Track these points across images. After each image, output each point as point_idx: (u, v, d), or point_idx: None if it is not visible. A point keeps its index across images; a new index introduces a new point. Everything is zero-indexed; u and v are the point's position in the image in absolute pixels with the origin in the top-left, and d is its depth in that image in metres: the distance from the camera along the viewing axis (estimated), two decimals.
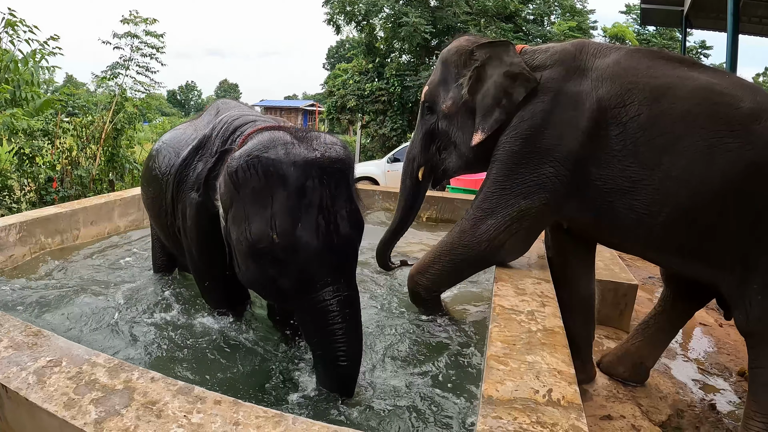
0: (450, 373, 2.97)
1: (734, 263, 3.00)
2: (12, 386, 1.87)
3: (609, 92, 3.09)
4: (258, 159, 2.47)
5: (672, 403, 3.80)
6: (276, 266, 2.52)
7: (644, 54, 3.28)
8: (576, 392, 1.98)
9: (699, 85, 2.97)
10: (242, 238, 2.56)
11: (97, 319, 3.47)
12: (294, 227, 2.43)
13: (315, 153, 2.51)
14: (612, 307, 4.90)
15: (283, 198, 2.44)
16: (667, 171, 2.93)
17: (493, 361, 2.17)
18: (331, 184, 2.50)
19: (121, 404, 1.75)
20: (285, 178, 2.44)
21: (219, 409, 1.73)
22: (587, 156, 3.12)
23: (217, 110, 3.67)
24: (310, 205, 2.45)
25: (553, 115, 3.23)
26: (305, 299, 2.56)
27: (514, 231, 3.30)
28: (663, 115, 2.96)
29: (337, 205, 2.52)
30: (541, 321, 2.64)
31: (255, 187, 2.49)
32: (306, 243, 2.44)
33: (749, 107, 2.85)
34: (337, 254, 2.54)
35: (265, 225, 2.45)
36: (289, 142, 2.54)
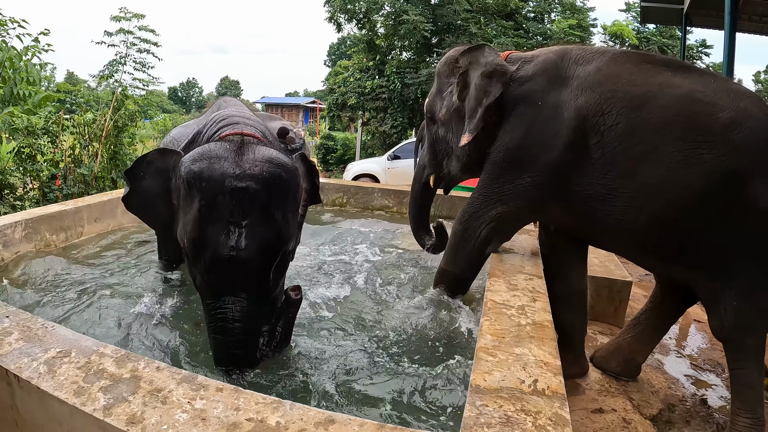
0: (443, 364, 3.06)
1: (710, 270, 3.07)
2: (24, 376, 1.95)
3: (588, 101, 3.16)
4: (186, 169, 2.68)
5: (663, 397, 3.85)
6: (191, 264, 2.77)
7: (628, 59, 3.32)
8: (561, 383, 2.06)
9: (679, 95, 3.00)
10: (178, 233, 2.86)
11: (104, 313, 3.56)
12: (200, 237, 2.61)
13: (235, 171, 2.61)
14: (607, 303, 5.00)
15: (195, 209, 2.61)
16: (644, 180, 3.00)
17: (482, 352, 2.26)
18: (242, 203, 2.59)
19: (128, 391, 1.85)
20: (200, 191, 2.60)
21: (221, 395, 1.83)
22: (567, 164, 3.22)
23: (218, 107, 3.80)
24: (218, 219, 2.58)
25: (534, 126, 3.35)
26: (204, 300, 2.76)
27: (493, 228, 3.57)
28: (641, 125, 3.02)
29: (249, 221, 2.61)
30: (531, 315, 2.72)
31: (184, 193, 2.73)
32: (207, 254, 2.61)
33: (728, 116, 2.88)
34: (236, 269, 2.62)
35: (182, 229, 2.73)
36: (217, 156, 2.67)
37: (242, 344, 2.70)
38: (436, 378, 2.94)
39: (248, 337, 2.72)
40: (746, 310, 3.02)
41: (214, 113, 3.58)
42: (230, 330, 2.66)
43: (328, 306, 3.90)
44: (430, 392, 2.82)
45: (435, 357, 3.19)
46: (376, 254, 5.26)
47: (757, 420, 3.12)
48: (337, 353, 3.21)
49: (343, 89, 22.52)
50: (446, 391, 2.82)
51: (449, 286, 3.83)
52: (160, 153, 3.09)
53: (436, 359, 3.15)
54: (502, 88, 3.46)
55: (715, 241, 2.98)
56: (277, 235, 2.72)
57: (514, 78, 3.54)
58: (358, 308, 3.92)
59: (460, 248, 3.73)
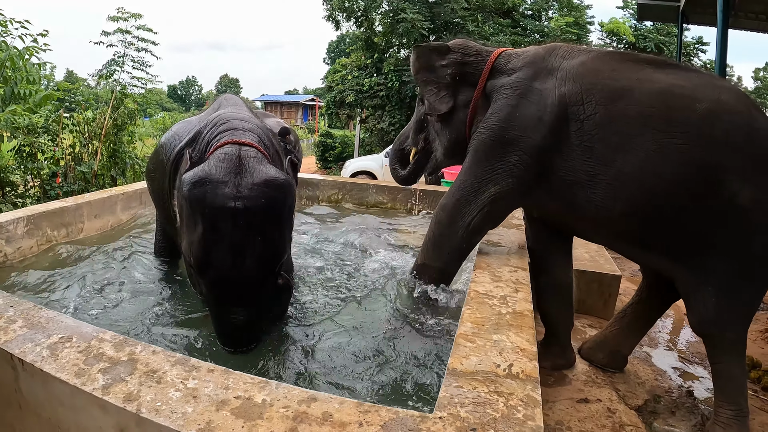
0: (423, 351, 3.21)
1: (687, 263, 3.12)
2: (28, 359, 2.07)
3: (570, 90, 3.27)
4: (189, 193, 2.85)
5: (649, 388, 3.88)
6: (196, 276, 3.01)
7: (613, 57, 3.42)
8: (535, 367, 2.17)
9: (657, 89, 3.07)
10: (181, 245, 3.10)
11: (101, 303, 3.68)
12: (205, 256, 2.86)
13: (236, 197, 2.81)
14: (596, 297, 5.08)
15: (200, 232, 2.84)
16: (621, 168, 3.07)
17: (461, 339, 2.37)
18: (244, 224, 2.83)
19: (125, 373, 1.97)
20: (204, 215, 2.82)
21: (212, 376, 1.95)
22: (550, 147, 3.31)
23: (219, 105, 3.95)
24: (221, 239, 2.82)
25: (520, 109, 3.43)
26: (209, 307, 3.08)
27: (487, 212, 3.55)
28: (618, 116, 3.10)
29: (249, 242, 2.86)
30: (512, 305, 2.82)
31: (186, 214, 2.92)
32: (213, 271, 2.89)
33: (705, 109, 2.92)
34: (241, 285, 2.93)
35: (188, 246, 2.93)
36: (218, 180, 2.85)
37: (244, 335, 3.05)
38: (415, 364, 3.08)
39: (249, 330, 3.05)
40: (724, 305, 3.06)
41: (214, 113, 3.71)
42: (234, 327, 3.00)
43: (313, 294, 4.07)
44: (409, 376, 2.96)
45: (415, 345, 3.31)
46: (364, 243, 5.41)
47: (739, 412, 3.17)
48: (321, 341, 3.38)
49: (341, 87, 22.54)
50: (424, 376, 2.95)
51: (433, 279, 3.79)
52: None
53: (417, 347, 3.27)
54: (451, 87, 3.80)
55: (691, 234, 3.03)
56: (275, 253, 3.01)
57: (502, 70, 3.68)
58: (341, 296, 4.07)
59: (445, 240, 3.70)
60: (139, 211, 5.87)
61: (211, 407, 1.76)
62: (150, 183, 4.23)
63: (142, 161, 9.12)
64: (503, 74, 3.66)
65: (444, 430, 1.69)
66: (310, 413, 1.75)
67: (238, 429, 1.66)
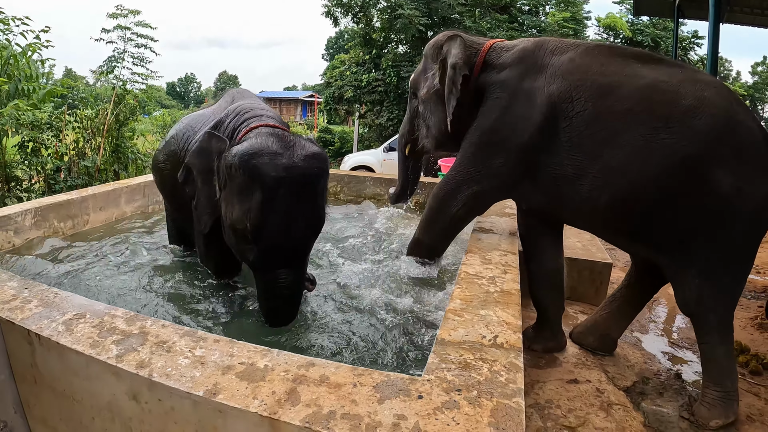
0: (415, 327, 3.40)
1: (672, 248, 3.23)
2: (44, 334, 2.21)
3: (559, 88, 3.35)
4: (246, 163, 3.04)
5: (638, 371, 3.95)
6: (246, 243, 3.17)
7: (600, 51, 3.47)
8: (519, 339, 2.30)
9: (644, 84, 3.16)
10: (227, 215, 3.23)
11: (109, 288, 3.82)
12: (263, 222, 3.05)
13: (292, 165, 3.07)
14: (588, 284, 5.17)
15: (259, 198, 3.02)
16: (607, 162, 3.17)
17: (450, 313, 2.51)
18: (299, 192, 3.11)
19: (137, 344, 2.12)
20: (263, 183, 3.01)
21: (218, 345, 2.10)
22: (537, 145, 3.41)
23: (232, 98, 4.13)
24: (279, 206, 3.05)
25: (509, 109, 3.54)
26: (260, 273, 3.28)
27: (470, 207, 3.81)
28: (606, 112, 3.19)
29: (301, 209, 3.14)
30: (500, 285, 2.95)
31: (240, 183, 3.10)
32: (269, 236, 3.09)
33: (689, 104, 3.01)
34: (293, 249, 3.23)
35: (243, 214, 3.09)
36: (275, 151, 3.09)
37: (293, 305, 3.35)
38: (408, 337, 3.27)
39: (296, 300, 3.36)
40: (707, 288, 3.17)
41: (232, 104, 3.93)
42: (285, 296, 3.26)
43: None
44: (401, 347, 3.15)
45: (408, 321, 3.49)
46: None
47: (725, 394, 3.26)
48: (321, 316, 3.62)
49: (340, 83, 22.61)
50: (415, 347, 3.14)
51: (423, 254, 4.13)
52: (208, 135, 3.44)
53: (409, 323, 3.46)
54: (461, 80, 3.72)
55: (676, 222, 3.13)
56: (322, 218, 3.34)
57: (493, 65, 3.75)
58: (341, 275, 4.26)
59: (435, 223, 3.95)
60: (142, 203, 6.01)
61: (217, 372, 1.91)
62: (158, 174, 4.37)
63: (144, 156, 9.30)
64: (494, 70, 3.74)
65: (431, 391, 1.83)
66: (308, 376, 1.90)
67: (243, 390, 1.81)
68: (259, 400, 1.75)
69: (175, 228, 4.70)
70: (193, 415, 1.84)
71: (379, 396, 1.79)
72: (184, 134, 4.01)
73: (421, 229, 4.06)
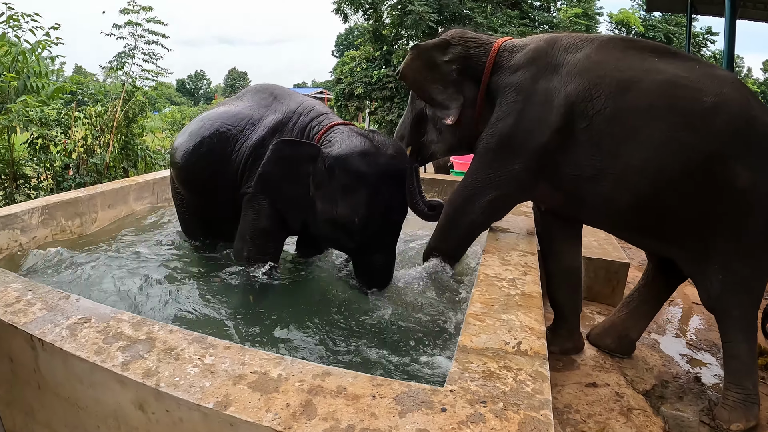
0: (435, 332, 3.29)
1: (693, 245, 3.18)
2: (48, 339, 2.13)
3: (577, 87, 3.25)
4: (350, 165, 3.60)
5: (657, 374, 3.88)
6: (345, 233, 3.75)
7: (615, 45, 3.39)
8: (543, 345, 2.21)
9: (663, 80, 3.08)
10: (328, 211, 3.72)
11: (117, 289, 3.72)
12: (368, 216, 3.64)
13: (389, 163, 3.68)
14: (604, 284, 5.10)
15: (365, 194, 3.62)
16: (628, 161, 3.09)
17: (471, 318, 2.41)
18: (395, 185, 3.75)
19: (144, 350, 2.03)
20: (369, 183, 3.61)
21: (228, 353, 2.00)
22: (555, 148, 3.33)
23: (273, 96, 4.33)
24: (381, 200, 3.66)
25: (525, 112, 3.44)
26: (359, 256, 3.95)
27: (489, 213, 3.75)
28: (626, 109, 3.11)
29: (398, 199, 3.80)
30: (521, 287, 2.85)
31: (346, 183, 3.63)
32: (373, 227, 3.71)
33: (711, 101, 2.96)
34: (390, 234, 3.91)
35: (350, 211, 3.64)
36: (371, 152, 3.66)
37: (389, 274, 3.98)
38: (427, 344, 3.15)
39: (392, 269, 4.01)
40: (729, 282, 3.12)
41: (282, 103, 4.21)
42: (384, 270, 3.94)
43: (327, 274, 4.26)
44: (421, 355, 3.02)
45: (427, 326, 3.39)
46: None
47: (747, 396, 3.20)
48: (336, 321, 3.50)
49: (350, 79, 22.59)
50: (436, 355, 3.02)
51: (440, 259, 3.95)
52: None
53: (428, 329, 3.36)
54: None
55: (697, 218, 3.08)
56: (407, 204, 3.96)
57: (505, 66, 3.65)
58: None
59: (452, 230, 3.85)
60: (151, 201, 5.94)
61: (228, 381, 1.81)
62: (187, 174, 4.36)
63: (153, 153, 9.24)
64: (506, 71, 3.63)
65: (455, 403, 1.73)
66: (324, 387, 1.80)
67: (255, 401, 1.71)
68: (272, 413, 1.65)
69: (201, 222, 4.62)
70: (202, 428, 1.74)
71: (400, 409, 1.69)
72: (223, 135, 4.10)
73: (437, 238, 3.95)
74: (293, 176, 3.69)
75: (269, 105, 4.19)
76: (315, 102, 4.26)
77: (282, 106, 4.14)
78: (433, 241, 3.98)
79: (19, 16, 7.44)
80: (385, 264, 3.93)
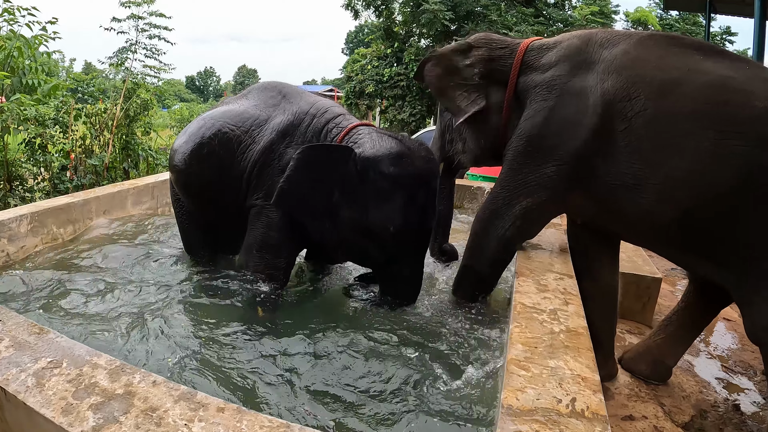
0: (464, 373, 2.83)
1: (742, 267, 2.85)
2: (10, 389, 1.81)
3: (614, 85, 2.98)
4: (387, 168, 3.28)
5: (695, 402, 3.71)
6: (376, 244, 3.43)
7: (657, 41, 3.11)
8: (601, 402, 1.88)
9: (709, 81, 2.78)
10: (356, 218, 3.40)
11: (106, 310, 3.43)
12: (404, 224, 3.33)
13: (425, 167, 3.40)
14: (634, 300, 4.83)
15: (401, 201, 3.31)
16: (671, 170, 2.81)
17: (513, 365, 2.06)
18: (427, 191, 3.41)
19: (120, 410, 1.68)
20: (404, 188, 3.31)
21: (222, 417, 1.64)
22: (592, 151, 3.05)
23: (281, 95, 3.96)
24: (415, 207, 3.36)
25: (556, 113, 3.19)
26: (386, 269, 3.59)
27: (520, 225, 3.42)
28: (669, 113, 2.82)
29: (430, 205, 3.46)
30: (564, 321, 2.54)
31: (380, 188, 3.30)
32: (407, 235, 3.39)
33: (764, 106, 2.65)
34: (422, 242, 3.59)
35: (383, 218, 3.33)
36: (404, 156, 3.33)
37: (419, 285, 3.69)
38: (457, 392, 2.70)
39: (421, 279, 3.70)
40: None
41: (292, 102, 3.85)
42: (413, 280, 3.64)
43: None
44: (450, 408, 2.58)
45: (454, 366, 2.95)
46: None
47: None
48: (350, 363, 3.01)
49: (360, 77, 22.59)
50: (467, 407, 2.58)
51: (472, 286, 3.72)
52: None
53: (456, 368, 2.91)
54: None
55: (746, 238, 2.77)
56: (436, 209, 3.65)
57: (534, 66, 3.40)
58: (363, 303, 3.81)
59: (481, 251, 3.60)
60: (150, 206, 5.64)
61: None
62: (186, 178, 4.05)
63: (157, 153, 8.94)
64: (536, 71, 3.38)
65: None
66: None
67: None
68: None
69: (202, 233, 4.30)
70: None
71: None
72: (226, 135, 3.77)
73: (467, 257, 3.72)
74: (322, 183, 3.38)
75: (277, 104, 3.84)
76: (329, 102, 3.92)
77: (292, 106, 3.78)
78: (463, 262, 3.78)
79: (14, 9, 7.18)
80: (415, 275, 3.63)
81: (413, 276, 3.63)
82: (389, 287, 3.66)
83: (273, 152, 3.60)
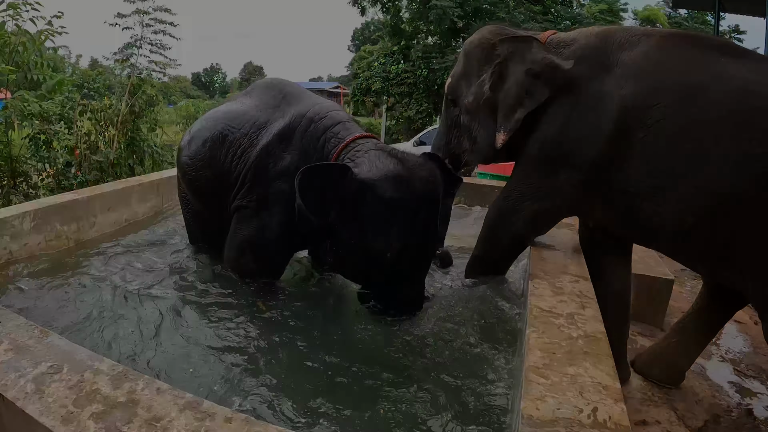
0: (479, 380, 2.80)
1: (762, 275, 2.75)
2: (9, 395, 1.76)
3: (634, 91, 2.89)
4: (384, 192, 3.04)
5: (708, 407, 3.67)
6: (375, 267, 3.24)
7: (678, 42, 3.00)
8: (623, 411, 1.83)
9: (734, 87, 2.66)
10: (353, 242, 3.21)
11: (111, 309, 3.42)
12: (402, 248, 3.13)
13: (426, 188, 3.16)
14: (646, 302, 4.74)
15: (401, 224, 3.09)
16: (694, 180, 2.72)
17: (532, 373, 2.00)
18: (429, 212, 3.20)
19: (122, 420, 1.62)
20: (401, 213, 3.08)
21: (229, 428, 1.58)
22: (609, 160, 2.97)
23: (282, 95, 3.90)
24: (417, 229, 3.16)
25: (573, 119, 3.11)
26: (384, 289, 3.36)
27: (532, 226, 3.48)
28: (691, 121, 2.72)
29: (432, 226, 3.27)
30: (582, 326, 2.48)
31: (376, 211, 3.09)
32: (407, 259, 3.19)
33: None
34: (422, 265, 3.42)
35: (382, 242, 3.12)
36: (407, 176, 3.11)
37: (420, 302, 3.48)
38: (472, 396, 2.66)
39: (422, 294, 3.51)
40: None
41: (290, 104, 3.77)
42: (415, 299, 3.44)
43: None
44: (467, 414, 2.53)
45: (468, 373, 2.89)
46: None
47: None
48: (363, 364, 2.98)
49: (367, 74, 22.62)
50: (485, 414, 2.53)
51: (483, 273, 3.81)
52: None
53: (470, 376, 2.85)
54: (548, 93, 3.21)
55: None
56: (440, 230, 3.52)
57: (554, 64, 3.25)
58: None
59: (494, 241, 3.65)
60: (156, 203, 5.58)
61: None
62: (191, 177, 4.09)
63: (162, 150, 8.91)
64: None
65: None
66: None
67: None
68: None
69: (205, 233, 4.42)
70: None
71: None
72: (226, 137, 3.78)
73: (480, 248, 3.77)
74: (321, 205, 3.19)
75: (277, 105, 3.79)
76: (329, 105, 3.77)
77: (291, 108, 3.72)
78: (476, 251, 3.82)
79: (19, 3, 7.11)
80: (416, 294, 3.45)
81: (413, 296, 3.45)
82: (387, 306, 3.47)
83: (269, 155, 3.56)
